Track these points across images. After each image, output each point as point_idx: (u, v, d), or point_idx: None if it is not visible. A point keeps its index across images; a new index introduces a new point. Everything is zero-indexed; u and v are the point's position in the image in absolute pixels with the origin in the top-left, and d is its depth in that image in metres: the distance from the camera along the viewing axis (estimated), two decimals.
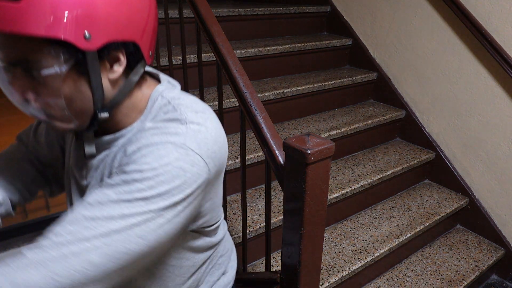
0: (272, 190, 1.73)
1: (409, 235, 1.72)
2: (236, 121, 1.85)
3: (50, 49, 0.50)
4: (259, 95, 1.87)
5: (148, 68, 0.70)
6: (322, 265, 1.53)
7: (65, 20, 0.48)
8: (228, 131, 1.86)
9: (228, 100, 1.78)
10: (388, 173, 1.89)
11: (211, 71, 1.92)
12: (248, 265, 1.52)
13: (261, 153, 1.67)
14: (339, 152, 2.03)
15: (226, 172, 1.59)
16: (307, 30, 2.56)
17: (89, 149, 0.63)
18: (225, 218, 1.38)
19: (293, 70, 2.27)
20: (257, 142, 1.76)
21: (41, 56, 0.50)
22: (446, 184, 2.12)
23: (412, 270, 1.75)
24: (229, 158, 1.62)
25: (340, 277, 1.48)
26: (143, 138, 0.57)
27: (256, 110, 1.01)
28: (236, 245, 1.46)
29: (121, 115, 0.62)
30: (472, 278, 1.72)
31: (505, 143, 1.84)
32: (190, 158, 0.56)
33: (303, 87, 2.02)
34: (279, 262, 1.53)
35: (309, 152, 0.77)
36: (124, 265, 0.53)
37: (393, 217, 1.85)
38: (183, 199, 0.55)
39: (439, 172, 2.13)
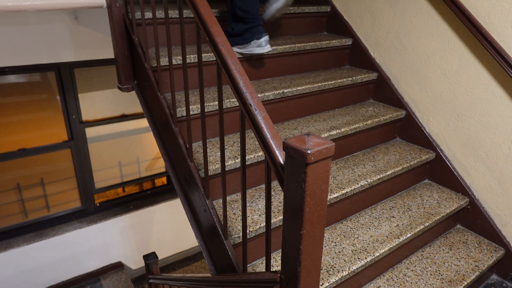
0: (272, 190, 1.73)
1: (409, 235, 1.72)
2: (236, 121, 1.85)
3: None
4: (259, 95, 1.87)
5: None
6: (322, 265, 1.53)
7: None
8: (228, 131, 1.86)
9: (228, 100, 1.78)
10: (388, 173, 1.89)
11: (211, 71, 1.92)
12: (248, 265, 1.52)
13: (261, 153, 1.67)
14: (339, 152, 2.03)
15: (226, 172, 1.60)
16: (307, 30, 2.56)
17: None
18: (225, 218, 1.38)
19: (293, 70, 2.27)
20: (257, 142, 1.76)
21: None
22: (446, 184, 2.12)
23: (412, 270, 1.75)
24: (229, 158, 1.62)
25: (340, 277, 1.48)
26: None
27: (256, 110, 1.00)
28: (236, 245, 1.46)
29: None
30: (472, 278, 1.72)
31: (505, 143, 1.84)
32: None
33: (303, 87, 2.01)
34: (279, 262, 1.53)
35: (309, 152, 0.77)
36: None
37: (393, 217, 1.85)
38: None
39: (439, 172, 2.13)
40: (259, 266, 1.53)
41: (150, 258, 2.57)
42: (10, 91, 3.53)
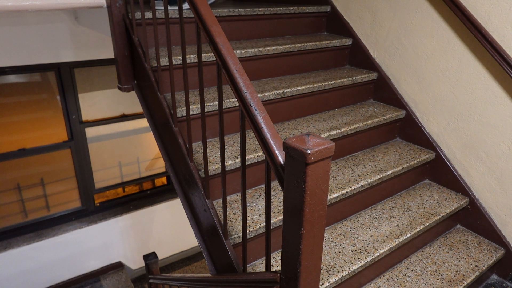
0: (272, 190, 1.73)
1: (409, 235, 1.72)
2: (236, 121, 1.85)
3: None
4: (259, 95, 1.87)
5: None
6: (322, 265, 1.53)
7: None
8: (228, 131, 1.86)
9: (228, 100, 1.78)
10: (388, 173, 1.89)
11: (211, 71, 1.92)
12: (248, 265, 1.52)
13: (261, 153, 1.67)
14: (339, 152, 2.03)
15: (226, 172, 1.60)
16: (307, 30, 2.56)
17: None
18: (225, 218, 1.38)
19: (293, 70, 2.27)
20: (257, 142, 1.76)
21: None
22: (446, 184, 2.12)
23: (412, 270, 1.75)
24: (229, 158, 1.62)
25: (340, 277, 1.48)
26: None
27: (256, 110, 1.01)
28: (236, 245, 1.46)
29: None
30: (472, 278, 1.72)
31: (505, 143, 1.84)
32: None
33: (303, 87, 2.01)
34: (279, 262, 1.53)
35: (309, 152, 0.77)
36: None
37: (393, 217, 1.85)
38: None
39: (439, 172, 2.13)
40: (259, 266, 1.53)
41: (150, 258, 2.57)
42: (10, 91, 3.53)
